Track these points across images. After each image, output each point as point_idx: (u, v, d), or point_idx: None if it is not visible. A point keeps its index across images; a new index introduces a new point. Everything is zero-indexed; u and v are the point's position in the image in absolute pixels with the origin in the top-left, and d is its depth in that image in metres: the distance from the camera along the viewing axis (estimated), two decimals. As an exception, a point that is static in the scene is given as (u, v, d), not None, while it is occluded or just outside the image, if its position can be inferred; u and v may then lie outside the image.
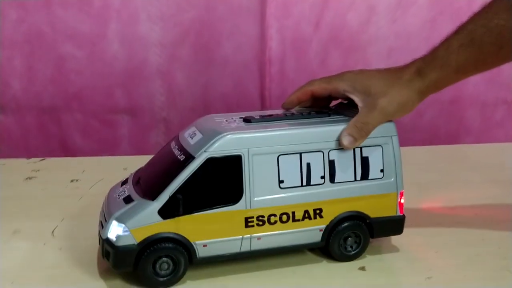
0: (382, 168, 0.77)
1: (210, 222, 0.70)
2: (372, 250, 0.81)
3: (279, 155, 0.73)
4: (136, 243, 0.68)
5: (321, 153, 0.74)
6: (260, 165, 0.72)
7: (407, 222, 0.80)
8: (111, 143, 1.43)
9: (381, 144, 0.77)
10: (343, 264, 0.78)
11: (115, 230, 0.69)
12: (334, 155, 0.75)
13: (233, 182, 0.71)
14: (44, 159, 1.21)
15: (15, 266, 0.77)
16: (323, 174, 0.75)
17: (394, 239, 0.85)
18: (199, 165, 0.69)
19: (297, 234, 0.75)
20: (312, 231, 0.76)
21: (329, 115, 0.79)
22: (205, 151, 0.70)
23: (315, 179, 0.75)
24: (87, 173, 1.13)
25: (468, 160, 1.25)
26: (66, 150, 1.41)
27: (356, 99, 0.76)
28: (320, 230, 0.76)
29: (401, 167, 0.79)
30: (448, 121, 1.51)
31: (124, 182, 0.79)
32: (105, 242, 0.70)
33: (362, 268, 0.77)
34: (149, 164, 0.81)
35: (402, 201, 0.79)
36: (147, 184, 0.73)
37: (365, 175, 0.77)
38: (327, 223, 0.76)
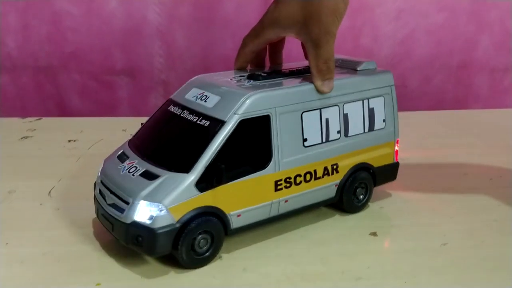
0: (384, 118, 0.79)
1: (243, 190, 0.66)
2: (383, 216, 0.78)
3: (303, 112, 0.70)
4: (175, 222, 0.61)
5: (337, 107, 0.73)
6: (286, 124, 0.69)
7: (419, 188, 0.79)
8: (109, 105, 1.38)
9: (383, 94, 0.78)
10: (354, 229, 0.75)
11: (146, 211, 0.61)
12: (347, 109, 0.74)
13: (263, 144, 0.67)
14: (40, 119, 1.17)
15: (10, 227, 0.73)
16: (339, 129, 0.74)
17: (407, 205, 0.81)
18: (232, 129, 0.64)
19: (317, 192, 0.74)
20: (329, 187, 0.75)
21: None
22: (235, 113, 0.64)
23: (333, 134, 0.73)
24: (85, 134, 1.09)
25: (477, 125, 1.21)
26: (63, 111, 1.37)
27: (292, 35, 0.73)
28: (336, 186, 0.75)
29: (397, 116, 0.80)
30: (456, 87, 1.47)
31: (122, 156, 0.70)
32: (132, 226, 0.61)
33: (374, 234, 0.73)
34: (151, 133, 0.72)
35: (397, 148, 0.82)
36: (166, 156, 0.66)
37: (371, 127, 0.78)
38: (341, 178, 0.75)
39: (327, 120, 0.72)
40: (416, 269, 0.65)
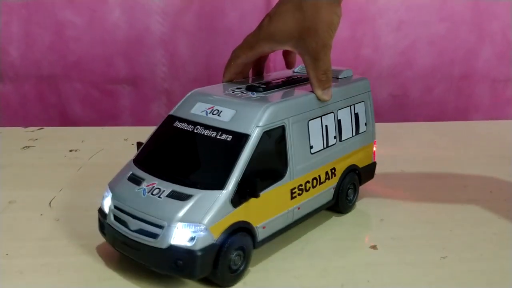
0: (365, 121, 0.83)
1: (267, 202, 0.65)
2: (383, 228, 0.78)
3: (309, 120, 0.72)
4: (215, 241, 0.60)
5: (332, 114, 0.76)
6: (297, 133, 0.70)
7: (419, 200, 0.80)
8: (111, 114, 1.39)
9: (364, 100, 0.83)
10: (354, 242, 0.75)
11: (185, 233, 0.59)
12: (340, 115, 0.78)
13: (280, 154, 0.68)
14: (42, 128, 1.18)
15: (10, 238, 0.73)
16: (335, 134, 0.77)
17: (407, 217, 0.82)
18: (257, 142, 0.64)
19: (320, 197, 0.76)
20: (328, 191, 0.77)
21: None
22: (257, 125, 0.64)
23: (331, 140, 0.76)
24: (86, 143, 1.09)
25: (478, 136, 1.21)
26: (66, 120, 1.38)
27: (289, 49, 0.75)
28: (333, 189, 0.78)
29: (374, 119, 0.86)
30: (457, 97, 1.47)
31: (135, 179, 0.66)
32: (169, 251, 0.59)
33: (374, 247, 0.73)
34: (163, 152, 0.70)
35: (375, 149, 0.87)
36: (194, 174, 0.65)
37: (357, 130, 0.82)
38: (337, 181, 0.78)
39: (326, 126, 0.75)
40: (416, 282, 0.65)
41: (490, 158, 1.07)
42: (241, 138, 0.64)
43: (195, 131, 0.67)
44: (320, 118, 0.74)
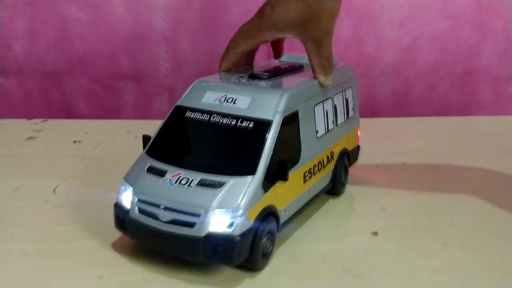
0: (353, 106, 0.87)
1: (287, 186, 0.66)
2: (385, 217, 0.79)
3: (315, 106, 0.74)
4: (251, 226, 0.60)
5: (330, 100, 0.79)
6: (306, 118, 0.72)
7: (421, 190, 0.83)
8: (114, 109, 1.39)
9: (351, 86, 0.86)
10: (355, 230, 0.75)
11: (223, 220, 0.59)
12: (335, 100, 0.81)
13: (295, 139, 0.70)
14: (46, 120, 1.19)
15: (15, 223, 0.74)
16: (333, 119, 0.79)
17: (408, 207, 0.82)
18: (278, 127, 0.65)
19: (322, 180, 0.78)
20: (328, 174, 0.80)
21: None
22: (277, 111, 0.65)
23: (330, 124, 0.78)
24: (90, 135, 1.10)
25: (479, 131, 1.22)
26: (69, 115, 1.38)
27: (291, 36, 0.75)
28: (331, 172, 0.80)
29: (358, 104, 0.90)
30: (459, 95, 1.47)
31: (156, 171, 0.65)
32: (208, 238, 0.59)
33: (375, 233, 0.74)
34: (181, 142, 0.70)
35: (359, 133, 0.91)
36: (221, 162, 0.65)
37: (348, 115, 0.85)
38: (334, 164, 0.80)
39: (326, 112, 0.77)
40: (416, 268, 0.66)
41: (492, 152, 1.07)
42: (263, 125, 0.65)
43: (211, 120, 0.67)
44: (322, 103, 0.76)
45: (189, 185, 0.62)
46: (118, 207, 0.66)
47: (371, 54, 1.40)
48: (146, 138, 0.71)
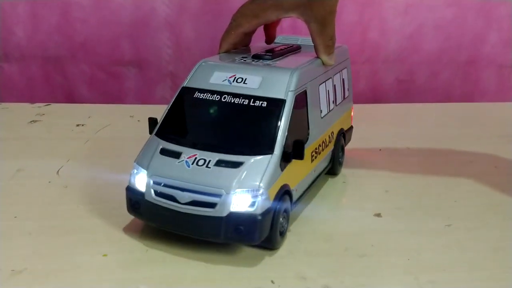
0: (348, 87, 0.88)
1: (298, 165, 0.66)
2: (388, 199, 0.79)
3: (319, 85, 0.74)
4: (271, 204, 0.60)
5: (331, 80, 0.79)
6: (312, 98, 0.72)
7: (424, 173, 0.83)
8: (116, 95, 1.39)
9: (346, 66, 0.87)
10: (359, 211, 0.75)
11: (245, 199, 0.59)
12: (335, 80, 0.81)
13: (304, 119, 0.70)
14: (49, 104, 1.18)
15: (19, 202, 0.74)
16: (333, 99, 0.80)
17: (412, 189, 0.82)
18: (292, 106, 0.65)
19: (324, 160, 0.79)
20: (329, 154, 0.80)
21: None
22: (289, 90, 0.65)
23: (331, 104, 0.79)
24: (93, 119, 1.10)
25: (483, 117, 1.21)
26: (71, 101, 1.38)
27: (294, 16, 0.75)
28: (331, 151, 0.81)
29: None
30: (463, 82, 1.47)
31: (170, 152, 0.64)
32: (230, 218, 0.59)
33: (378, 215, 0.74)
34: (194, 123, 0.69)
35: (352, 114, 0.92)
36: (237, 142, 0.64)
37: (344, 95, 0.86)
38: (333, 144, 0.81)
39: (328, 91, 0.78)
40: (420, 247, 0.66)
41: (495, 137, 1.07)
42: (277, 103, 0.64)
43: (222, 100, 0.66)
44: (325, 83, 0.77)
45: (207, 165, 0.61)
46: (130, 190, 0.65)
47: (375, 40, 1.40)
48: (152, 121, 0.69)
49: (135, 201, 0.64)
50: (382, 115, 1.20)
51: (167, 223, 0.63)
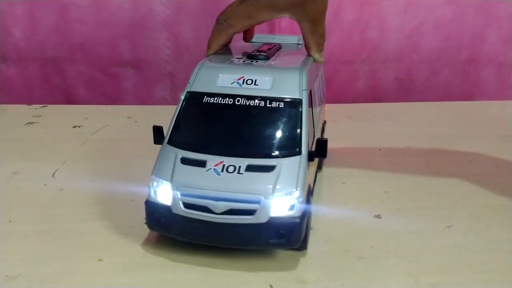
0: (324, 83, 0.90)
1: (311, 164, 0.65)
2: (388, 199, 0.78)
3: (314, 83, 0.75)
4: (305, 206, 0.59)
5: (319, 77, 0.81)
6: (314, 95, 0.73)
7: (425, 173, 0.83)
8: (115, 96, 1.38)
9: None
10: (359, 212, 0.74)
11: (284, 203, 0.57)
12: (320, 78, 0.84)
13: (311, 117, 0.69)
14: (46, 106, 1.18)
15: (13, 206, 0.73)
16: (320, 95, 0.82)
17: (412, 189, 0.81)
18: (308, 105, 0.64)
19: None
20: None
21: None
22: (303, 89, 0.64)
23: (319, 101, 0.80)
24: (90, 120, 1.09)
25: (483, 115, 1.21)
26: (70, 102, 1.37)
27: (287, 16, 0.75)
28: None
29: None
30: (463, 81, 1.46)
31: (193, 161, 0.60)
32: (270, 224, 0.57)
33: (378, 216, 0.73)
34: (211, 129, 0.65)
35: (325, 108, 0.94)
36: (263, 145, 0.62)
37: (323, 90, 0.88)
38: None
39: (318, 89, 0.79)
40: (420, 249, 0.65)
41: (496, 136, 1.05)
42: (294, 104, 0.63)
43: (236, 103, 0.64)
44: (317, 80, 0.78)
45: (238, 172, 0.59)
46: (151, 205, 0.61)
47: (374, 39, 1.39)
48: (157, 129, 0.65)
49: (158, 215, 0.60)
50: (382, 114, 1.19)
51: (200, 236, 0.60)
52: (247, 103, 0.63)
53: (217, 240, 0.60)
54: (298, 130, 0.62)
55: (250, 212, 0.57)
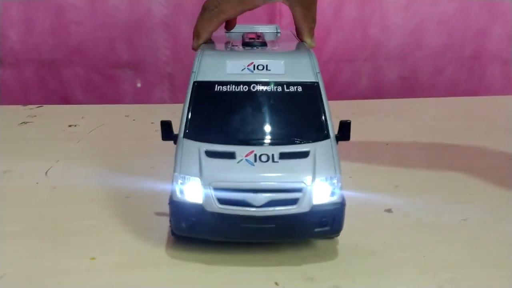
0: None
1: None
2: (398, 194, 0.74)
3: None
4: (341, 190, 0.57)
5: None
6: None
7: (436, 167, 0.80)
8: (113, 98, 1.35)
9: None
10: (369, 207, 0.70)
11: (325, 189, 0.55)
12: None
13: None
14: (41, 106, 1.14)
15: (4, 204, 0.70)
16: None
17: (422, 183, 0.77)
18: (323, 87, 0.61)
19: None
20: None
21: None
22: (317, 72, 0.62)
23: None
24: (86, 119, 1.06)
25: (490, 111, 1.17)
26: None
27: (281, 1, 0.72)
28: None
29: None
30: (468, 78, 1.43)
31: (221, 154, 0.57)
32: (314, 212, 0.55)
33: (389, 210, 0.69)
34: (232, 119, 0.60)
35: None
36: (291, 131, 0.59)
37: None
38: None
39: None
40: (435, 243, 0.61)
41: (506, 130, 1.02)
42: (312, 87, 0.61)
43: (252, 90, 0.60)
44: None
45: (273, 160, 0.55)
46: (179, 205, 0.56)
47: (376, 36, 1.36)
48: (166, 124, 0.61)
49: (188, 215, 0.56)
50: (387, 109, 1.16)
51: (239, 233, 0.55)
52: (264, 89, 0.61)
53: (258, 236, 0.56)
54: (322, 113, 0.60)
55: (293, 202, 0.54)
